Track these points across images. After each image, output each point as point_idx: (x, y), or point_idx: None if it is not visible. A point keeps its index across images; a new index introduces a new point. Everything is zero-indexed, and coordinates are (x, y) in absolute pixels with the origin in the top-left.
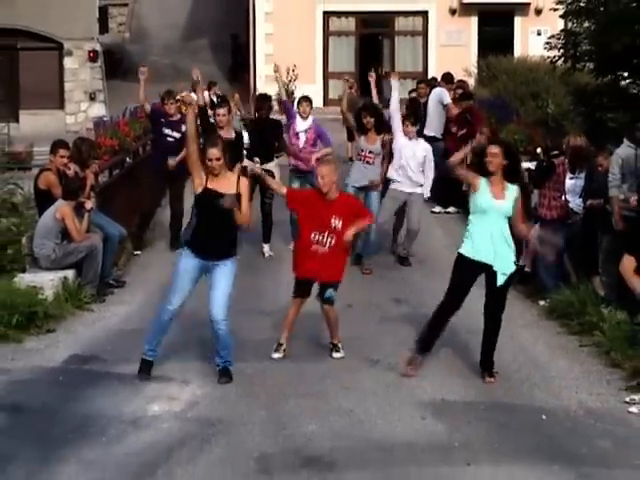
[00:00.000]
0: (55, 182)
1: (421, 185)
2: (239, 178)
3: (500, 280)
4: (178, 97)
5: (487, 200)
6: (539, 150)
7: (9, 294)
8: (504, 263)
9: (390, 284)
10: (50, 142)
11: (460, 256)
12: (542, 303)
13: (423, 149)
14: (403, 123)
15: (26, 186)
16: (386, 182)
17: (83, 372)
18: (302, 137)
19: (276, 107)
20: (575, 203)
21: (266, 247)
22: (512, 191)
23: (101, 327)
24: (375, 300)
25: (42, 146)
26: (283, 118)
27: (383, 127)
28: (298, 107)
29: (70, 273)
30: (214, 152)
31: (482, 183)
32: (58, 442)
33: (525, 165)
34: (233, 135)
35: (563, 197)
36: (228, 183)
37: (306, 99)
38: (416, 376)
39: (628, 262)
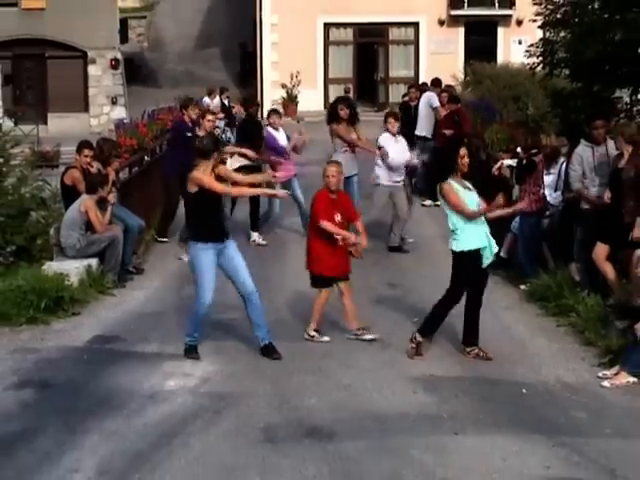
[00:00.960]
0: (80, 178)
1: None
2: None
3: (486, 262)
4: None
5: (467, 194)
6: (519, 149)
7: (38, 280)
8: (493, 245)
9: (385, 270)
10: (75, 142)
11: (467, 254)
12: (523, 287)
13: (405, 147)
14: (386, 121)
15: (53, 182)
16: None
17: (106, 351)
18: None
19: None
20: (552, 197)
21: (254, 235)
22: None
23: (122, 310)
24: (371, 285)
25: (68, 146)
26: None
27: (356, 119)
28: (268, 119)
29: (94, 261)
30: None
31: (454, 185)
32: (83, 415)
33: (507, 162)
34: None
35: (542, 191)
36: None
37: (275, 112)
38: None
39: (600, 249)
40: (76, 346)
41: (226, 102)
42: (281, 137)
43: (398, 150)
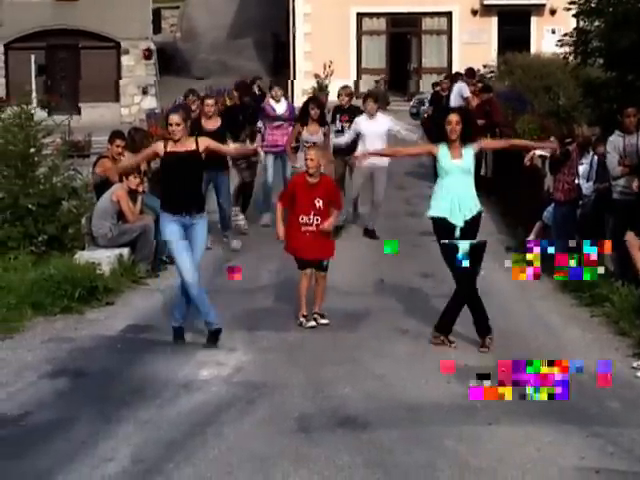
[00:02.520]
0: (111, 168)
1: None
2: (197, 140)
3: (459, 227)
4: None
5: (448, 162)
6: (552, 138)
7: (70, 270)
8: (465, 211)
9: (417, 260)
10: (107, 132)
11: (432, 219)
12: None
13: (382, 123)
14: (365, 102)
15: (85, 172)
16: None
17: (139, 340)
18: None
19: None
20: (584, 187)
21: (240, 217)
22: (469, 150)
23: (156, 299)
24: (404, 275)
25: (99, 136)
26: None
27: (325, 119)
28: (270, 92)
29: (125, 251)
30: (174, 118)
31: (441, 148)
32: (117, 404)
33: (538, 152)
34: (218, 125)
35: (576, 181)
36: (185, 145)
37: (276, 84)
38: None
39: (633, 239)
40: (110, 335)
41: (256, 90)
42: (280, 107)
43: (374, 129)
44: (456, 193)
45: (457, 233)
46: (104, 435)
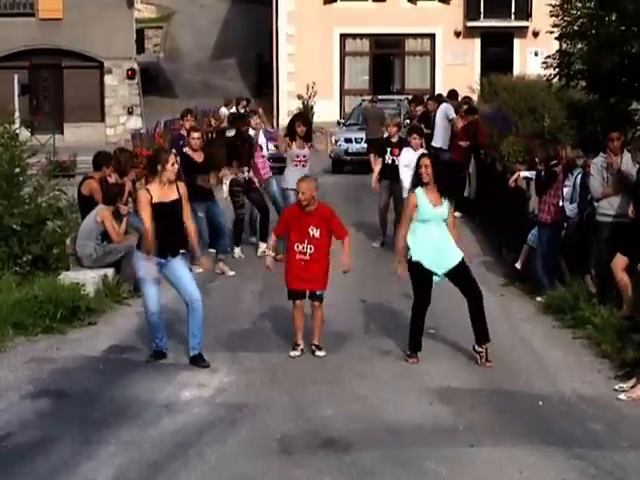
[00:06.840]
0: (97, 189)
1: None
2: (177, 184)
3: (438, 278)
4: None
5: (428, 209)
6: (537, 160)
7: (54, 290)
8: (448, 261)
9: (399, 281)
10: (92, 152)
11: (415, 264)
12: (539, 299)
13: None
14: (410, 135)
15: (70, 192)
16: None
17: (121, 361)
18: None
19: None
20: (567, 208)
21: (262, 245)
22: (445, 198)
23: (138, 320)
24: (386, 295)
25: (84, 156)
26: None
27: (311, 137)
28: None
29: (110, 271)
30: (173, 158)
31: (418, 194)
32: (99, 425)
33: (523, 174)
34: (202, 159)
35: (561, 203)
36: (169, 191)
37: (254, 113)
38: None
39: (619, 261)
40: (92, 356)
41: (242, 111)
42: (259, 138)
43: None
44: (437, 241)
45: (435, 279)
46: (86, 456)
